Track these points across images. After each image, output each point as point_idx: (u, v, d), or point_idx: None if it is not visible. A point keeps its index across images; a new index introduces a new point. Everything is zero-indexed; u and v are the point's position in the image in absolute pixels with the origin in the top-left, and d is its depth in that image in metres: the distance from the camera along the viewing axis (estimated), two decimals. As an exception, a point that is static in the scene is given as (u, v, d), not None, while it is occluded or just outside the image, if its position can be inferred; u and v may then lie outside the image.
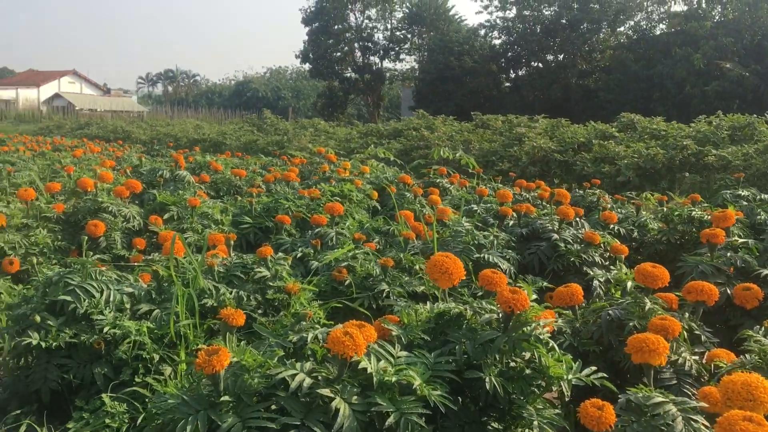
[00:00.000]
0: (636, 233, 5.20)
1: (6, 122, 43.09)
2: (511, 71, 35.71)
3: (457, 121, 19.35)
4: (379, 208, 6.49)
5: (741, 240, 3.55)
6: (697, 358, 2.56)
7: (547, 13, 33.94)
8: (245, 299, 3.27)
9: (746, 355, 2.33)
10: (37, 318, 2.79)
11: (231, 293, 3.25)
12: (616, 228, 5.07)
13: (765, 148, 10.90)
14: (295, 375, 1.87)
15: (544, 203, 6.18)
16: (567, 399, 2.25)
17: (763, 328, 2.31)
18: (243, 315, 2.23)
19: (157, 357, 2.85)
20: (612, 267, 4.13)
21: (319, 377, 1.90)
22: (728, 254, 3.35)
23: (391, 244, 4.59)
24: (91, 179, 4.98)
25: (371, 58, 42.89)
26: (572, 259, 4.14)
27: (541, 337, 2.19)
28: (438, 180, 7.28)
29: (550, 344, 2.21)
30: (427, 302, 2.42)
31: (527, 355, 2.19)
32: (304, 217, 5.23)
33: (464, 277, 2.37)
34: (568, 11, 32.57)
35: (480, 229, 4.55)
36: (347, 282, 3.55)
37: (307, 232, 4.90)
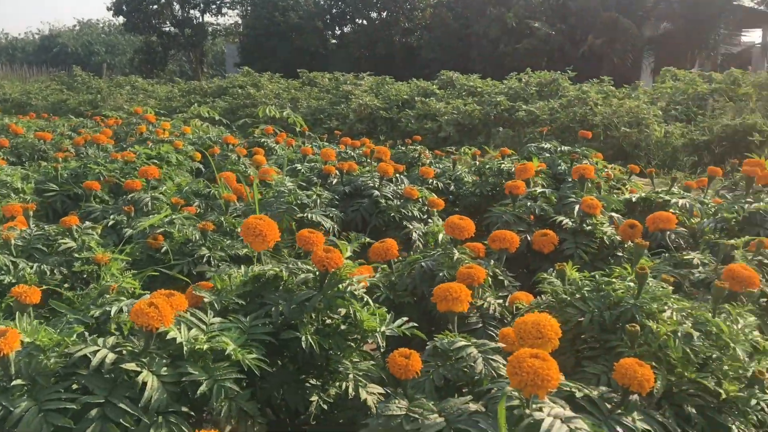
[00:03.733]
0: (453, 187, 5.45)
1: None
2: (337, 28, 35.64)
3: (285, 78, 19.07)
4: (203, 169, 6.27)
5: (539, 190, 3.86)
6: (501, 301, 2.75)
7: (369, -30, 34.07)
8: (48, 273, 3.03)
9: (542, 296, 2.55)
10: None
11: (32, 268, 3.00)
12: (434, 182, 5.29)
13: (568, 102, 11.82)
14: (97, 351, 1.77)
15: (368, 160, 6.29)
16: (382, 350, 2.33)
17: (555, 271, 2.52)
18: (38, 291, 2.06)
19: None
20: (430, 220, 4.32)
21: (124, 351, 1.81)
22: (528, 203, 3.63)
23: (212, 208, 4.47)
24: None
25: (191, 11, 40.71)
26: (392, 214, 4.26)
27: (356, 293, 2.24)
28: (263, 140, 7.16)
29: (365, 299, 2.27)
30: (242, 266, 2.38)
31: (343, 311, 2.23)
32: (118, 183, 4.93)
33: (279, 239, 2.35)
34: (389, -32, 32.92)
35: (304, 189, 4.55)
36: (164, 249, 3.41)
37: (121, 198, 4.63)
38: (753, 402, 2.03)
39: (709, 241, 3.18)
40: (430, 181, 5.26)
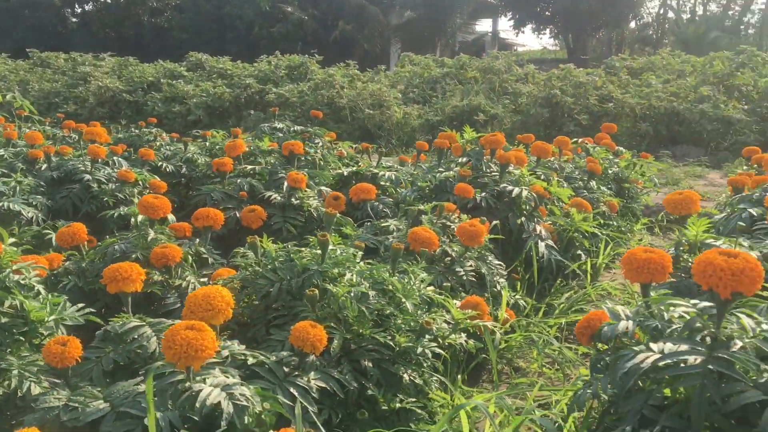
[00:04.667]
0: (185, 169, 5.28)
1: None
2: (77, 5, 32.76)
3: (12, 59, 17.09)
4: None
5: (250, 167, 3.87)
6: (205, 279, 2.71)
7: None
8: None
9: (240, 269, 2.55)
10: None
11: None
12: (163, 165, 5.08)
13: (316, 85, 12.08)
14: None
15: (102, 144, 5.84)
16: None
17: (248, 244, 2.54)
18: None
19: None
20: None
21: None
22: (239, 180, 3.62)
23: None
24: None
25: None
26: (106, 199, 4.01)
27: (24, 282, 2.07)
28: (-33, 125, 6.34)
29: (36, 288, 2.10)
30: None
31: (8, 302, 2.03)
32: None
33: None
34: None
35: (6, 176, 4.11)
36: None
37: None
38: (420, 350, 2.22)
39: (406, 209, 3.43)
40: (159, 163, 5.04)
